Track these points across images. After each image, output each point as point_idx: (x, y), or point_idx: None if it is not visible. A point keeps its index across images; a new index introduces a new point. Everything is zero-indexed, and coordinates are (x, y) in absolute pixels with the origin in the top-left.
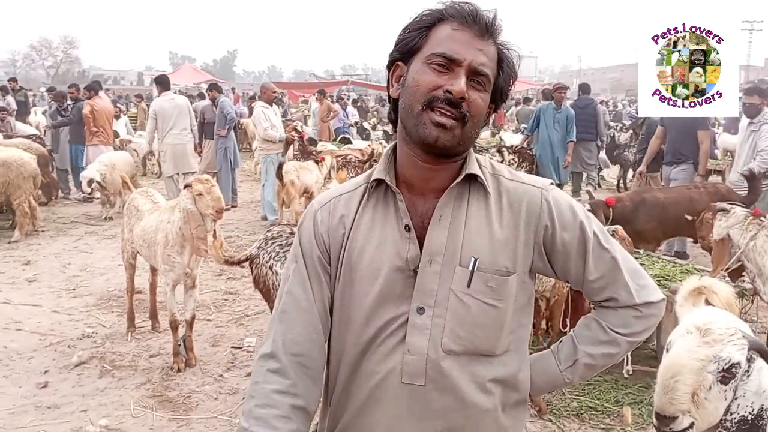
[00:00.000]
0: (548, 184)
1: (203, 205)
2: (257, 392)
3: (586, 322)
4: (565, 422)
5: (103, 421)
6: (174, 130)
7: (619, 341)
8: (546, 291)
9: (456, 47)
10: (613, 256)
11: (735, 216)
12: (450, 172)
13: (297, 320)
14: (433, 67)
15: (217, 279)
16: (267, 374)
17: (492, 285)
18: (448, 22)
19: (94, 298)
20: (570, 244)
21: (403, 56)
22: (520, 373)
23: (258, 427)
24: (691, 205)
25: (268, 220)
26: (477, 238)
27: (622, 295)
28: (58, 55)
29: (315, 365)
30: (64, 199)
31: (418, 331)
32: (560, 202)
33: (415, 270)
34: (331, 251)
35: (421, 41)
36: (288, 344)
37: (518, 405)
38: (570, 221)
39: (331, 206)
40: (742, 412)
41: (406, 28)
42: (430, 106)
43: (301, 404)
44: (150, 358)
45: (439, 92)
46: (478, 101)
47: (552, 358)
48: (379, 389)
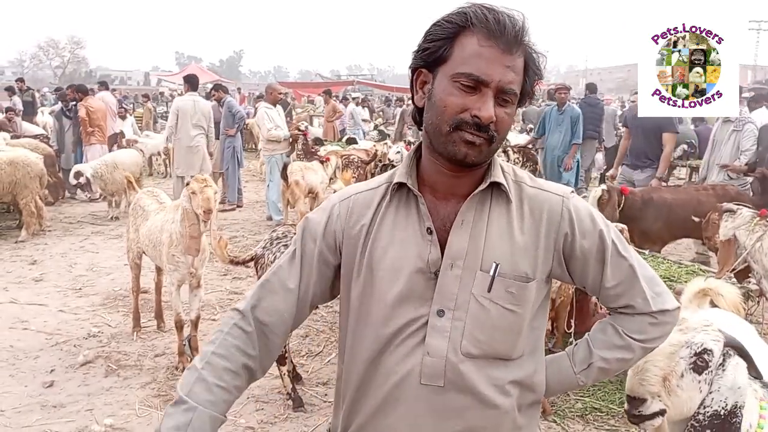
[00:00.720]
0: (569, 192)
1: (195, 203)
2: (219, 341)
3: (602, 326)
4: (570, 423)
5: (108, 420)
6: (192, 131)
7: (634, 347)
8: (552, 292)
9: (483, 67)
10: (630, 264)
11: (741, 217)
12: (473, 179)
13: (277, 294)
14: (460, 86)
15: (222, 279)
16: (233, 328)
17: (512, 291)
18: (474, 35)
19: (100, 298)
20: (589, 251)
21: (427, 65)
22: (536, 374)
23: (207, 372)
24: (699, 206)
25: (273, 220)
26: (498, 243)
27: (639, 303)
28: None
29: (275, 339)
30: (71, 199)
31: (437, 333)
32: (580, 210)
33: (435, 273)
34: (344, 248)
35: (445, 52)
36: (259, 311)
37: (533, 405)
38: (589, 229)
39: (350, 203)
40: (715, 407)
41: (428, 35)
42: (459, 128)
43: (252, 366)
44: (155, 358)
45: (466, 116)
46: (506, 118)
47: (567, 360)
48: (398, 389)
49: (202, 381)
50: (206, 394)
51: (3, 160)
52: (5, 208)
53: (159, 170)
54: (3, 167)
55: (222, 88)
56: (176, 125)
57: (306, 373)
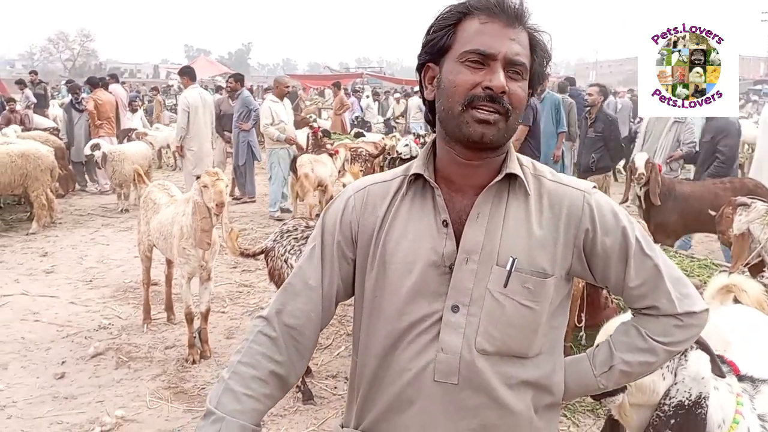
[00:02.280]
0: (591, 188)
1: (207, 197)
2: (245, 350)
3: (625, 328)
4: (580, 417)
5: (118, 411)
6: (203, 127)
7: (658, 350)
8: None
9: (488, 41)
10: (655, 263)
11: (756, 211)
12: (489, 170)
13: (300, 295)
14: (468, 64)
15: (232, 271)
16: (258, 335)
17: (529, 286)
18: (475, 16)
19: (110, 290)
20: (611, 249)
21: (432, 57)
22: (554, 375)
23: (234, 382)
24: (716, 200)
25: (269, 212)
26: (515, 238)
27: (664, 304)
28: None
29: (305, 341)
30: (81, 192)
31: (452, 329)
32: (602, 206)
33: (450, 266)
34: (359, 239)
35: (449, 40)
36: (284, 314)
37: (552, 408)
38: (612, 226)
39: (365, 194)
40: (680, 397)
41: (430, 29)
42: (472, 105)
43: (281, 372)
44: (165, 350)
45: (478, 90)
46: (519, 92)
47: (587, 362)
48: (412, 386)
49: (230, 391)
50: (234, 404)
51: (14, 153)
52: (16, 201)
53: (168, 163)
54: (14, 160)
55: (240, 79)
56: (188, 124)
57: (315, 366)
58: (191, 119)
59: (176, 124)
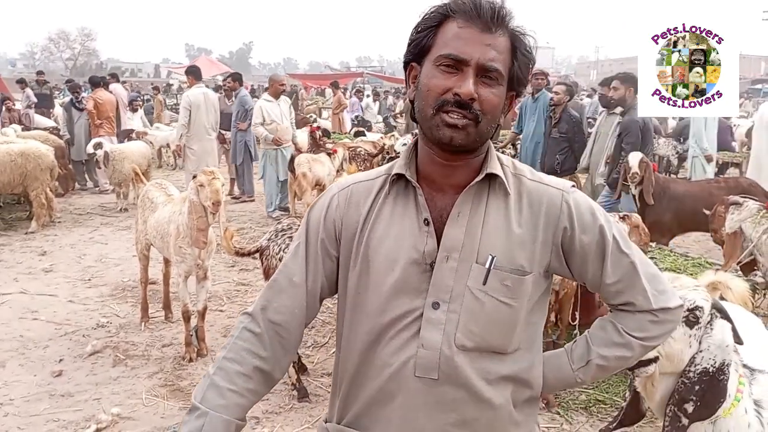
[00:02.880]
0: (569, 186)
1: (203, 196)
2: (230, 346)
3: (602, 323)
4: (573, 415)
5: (115, 409)
6: (205, 125)
7: (633, 345)
8: (555, 284)
9: (462, 46)
10: (631, 261)
11: (747, 209)
12: (470, 169)
13: (285, 292)
14: (442, 68)
15: (230, 270)
16: (243, 332)
17: (508, 284)
18: (454, 20)
19: (108, 289)
20: (588, 246)
21: (415, 57)
22: (533, 370)
23: (219, 378)
24: (710, 199)
25: (267, 213)
26: (495, 236)
27: (640, 300)
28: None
29: (290, 337)
30: (81, 191)
31: (432, 325)
32: (580, 205)
33: (431, 264)
34: (343, 237)
35: (429, 41)
36: (269, 311)
37: (530, 401)
38: (590, 224)
39: (349, 192)
40: (705, 365)
41: (415, 28)
42: (442, 109)
43: (265, 368)
44: (162, 348)
45: (448, 95)
46: (491, 97)
47: (565, 357)
48: (393, 381)
49: (214, 386)
50: (218, 399)
51: (14, 152)
52: (16, 200)
53: (168, 162)
54: (14, 159)
55: (238, 79)
56: (189, 122)
57: (311, 364)
58: (192, 118)
59: (177, 122)
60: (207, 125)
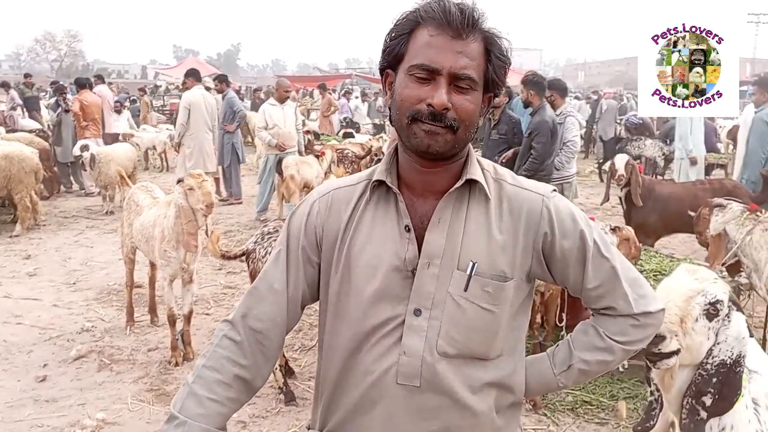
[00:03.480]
0: (550, 191)
1: (194, 199)
2: (210, 354)
3: (584, 327)
4: (560, 416)
5: (100, 414)
6: (203, 126)
7: (615, 349)
8: (540, 285)
9: (433, 55)
10: (612, 266)
11: (731, 211)
12: (450, 175)
13: (265, 299)
14: (415, 78)
15: (217, 273)
16: (223, 339)
17: (489, 290)
18: (425, 27)
19: (93, 292)
20: (569, 251)
21: (390, 64)
22: (515, 375)
23: (198, 386)
24: (695, 201)
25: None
26: (476, 242)
27: (621, 305)
28: (62, 48)
29: (271, 345)
30: (66, 194)
31: (414, 332)
32: (561, 210)
33: (413, 271)
34: (324, 243)
35: (402, 48)
36: (250, 318)
37: (513, 406)
38: (570, 229)
39: (330, 198)
40: (722, 356)
41: (388, 35)
42: (416, 119)
43: (245, 376)
44: (148, 352)
45: (422, 106)
46: (465, 104)
47: (547, 361)
48: (375, 389)
49: (193, 395)
50: (197, 408)
51: None
52: (0, 203)
53: (155, 164)
54: None
55: (225, 80)
56: (188, 121)
57: (298, 368)
58: (191, 117)
59: (177, 122)
60: (205, 126)
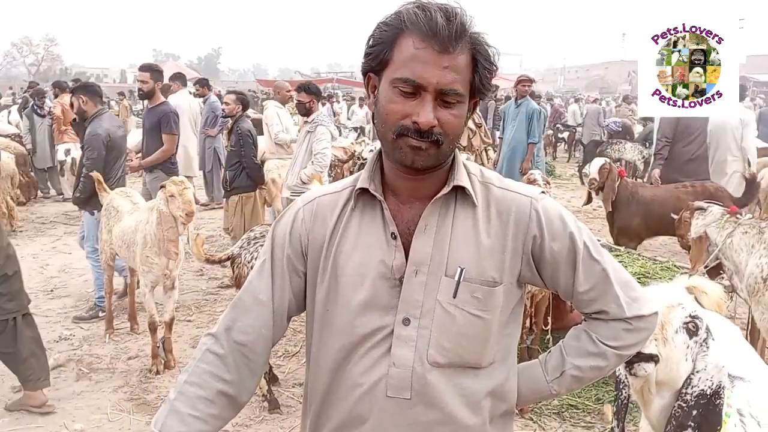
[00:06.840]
0: (538, 193)
1: (174, 207)
2: (192, 369)
3: (576, 333)
4: (546, 420)
5: (78, 425)
6: (188, 131)
7: (608, 354)
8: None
9: (419, 71)
10: (603, 268)
11: (712, 214)
12: (435, 181)
13: (250, 311)
14: (399, 92)
15: (199, 279)
16: (206, 354)
17: (478, 296)
18: (410, 37)
19: (72, 300)
20: (559, 254)
21: (373, 69)
22: (507, 383)
23: (180, 403)
24: (678, 203)
25: None
26: (463, 247)
27: (613, 308)
28: (39, 52)
29: (257, 358)
30: (43, 199)
31: (403, 343)
32: (550, 212)
33: (400, 279)
34: (309, 252)
35: (386, 55)
36: (234, 331)
37: (505, 415)
38: (559, 231)
39: (315, 206)
40: (702, 386)
41: (370, 39)
42: (401, 134)
43: (229, 391)
44: (128, 361)
45: (407, 122)
46: (451, 120)
47: (539, 368)
48: (364, 402)
49: (175, 412)
50: (179, 426)
51: None
52: None
53: None
54: None
55: (206, 84)
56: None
57: (282, 374)
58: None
59: None
60: (190, 130)
